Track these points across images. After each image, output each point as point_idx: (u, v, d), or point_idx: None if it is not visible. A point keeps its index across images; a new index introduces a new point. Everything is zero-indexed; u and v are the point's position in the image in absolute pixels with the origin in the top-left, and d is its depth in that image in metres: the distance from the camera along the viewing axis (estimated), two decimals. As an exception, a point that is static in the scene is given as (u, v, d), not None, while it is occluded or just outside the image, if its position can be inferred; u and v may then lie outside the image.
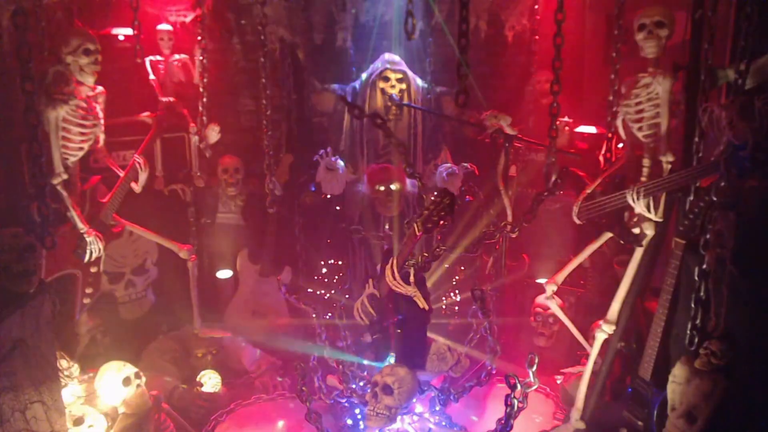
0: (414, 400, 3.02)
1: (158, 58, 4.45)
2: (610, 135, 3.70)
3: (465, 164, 4.36)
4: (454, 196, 2.72)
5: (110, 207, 3.74)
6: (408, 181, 4.25)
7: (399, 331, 3.07)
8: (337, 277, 4.48)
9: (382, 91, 4.25)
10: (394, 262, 2.97)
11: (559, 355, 4.12)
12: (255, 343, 4.37)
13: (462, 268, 4.36)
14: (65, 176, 3.44)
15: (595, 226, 3.48)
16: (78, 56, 3.43)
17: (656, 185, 3.09)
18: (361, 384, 3.34)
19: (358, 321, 3.20)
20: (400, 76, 4.28)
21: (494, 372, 3.46)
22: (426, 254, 3.02)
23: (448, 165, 4.36)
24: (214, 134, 4.60)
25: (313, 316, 3.27)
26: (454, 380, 3.60)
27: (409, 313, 3.04)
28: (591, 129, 4.50)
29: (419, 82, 4.39)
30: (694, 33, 3.17)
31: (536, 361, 2.82)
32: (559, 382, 3.89)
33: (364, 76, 4.40)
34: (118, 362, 3.25)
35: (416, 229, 2.80)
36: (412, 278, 2.93)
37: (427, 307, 3.01)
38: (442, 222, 2.73)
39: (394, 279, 2.95)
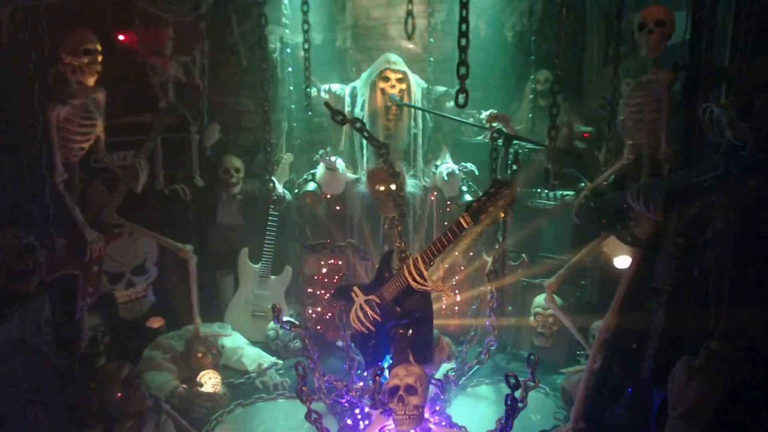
0: None
1: (158, 58, 4.45)
2: (609, 135, 3.71)
3: (465, 164, 4.36)
4: (513, 186, 2.70)
5: (110, 207, 3.74)
6: (408, 181, 4.25)
7: (402, 331, 3.07)
8: (337, 277, 4.48)
9: (382, 91, 4.25)
10: (419, 260, 2.91)
11: (559, 355, 4.12)
12: (255, 343, 4.38)
13: (462, 268, 4.36)
14: (65, 176, 3.45)
15: (595, 226, 3.48)
16: (78, 56, 3.43)
17: (656, 185, 3.09)
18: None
19: (359, 329, 3.16)
20: (400, 76, 4.27)
21: (494, 346, 3.46)
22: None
23: (448, 165, 4.36)
24: (214, 134, 4.61)
25: (306, 341, 3.25)
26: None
27: (418, 311, 3.04)
28: (591, 129, 4.51)
29: (419, 81, 4.39)
30: (694, 33, 3.17)
31: (536, 361, 2.82)
32: (559, 382, 3.89)
33: (364, 76, 4.40)
34: (118, 362, 3.25)
35: (464, 221, 2.75)
36: (441, 273, 2.91)
37: (454, 300, 3.03)
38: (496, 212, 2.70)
39: (420, 277, 2.89)
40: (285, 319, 3.24)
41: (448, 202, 4.38)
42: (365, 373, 3.49)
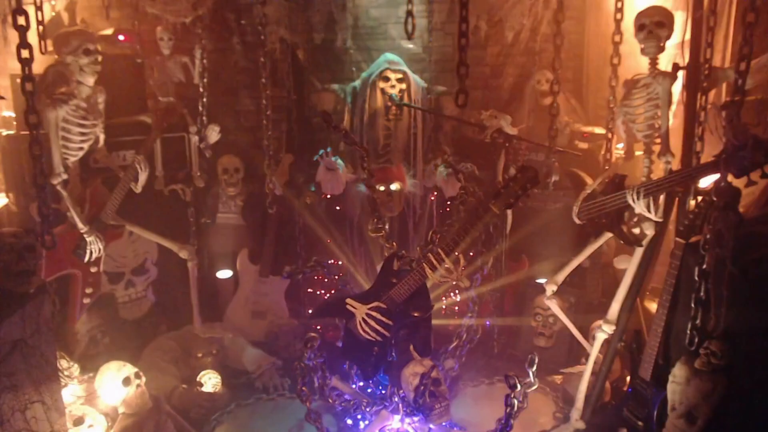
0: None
1: (158, 58, 4.46)
2: (610, 135, 3.71)
3: (465, 164, 4.36)
4: (535, 170, 2.84)
5: (110, 207, 3.74)
6: (408, 181, 4.25)
7: (406, 330, 3.09)
8: (336, 277, 4.48)
9: (382, 91, 4.25)
10: (440, 252, 2.95)
11: (559, 355, 4.12)
12: (255, 343, 4.38)
13: (462, 267, 4.36)
14: (65, 176, 3.45)
15: (595, 226, 3.48)
16: (78, 56, 3.42)
17: (656, 185, 3.09)
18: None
19: (374, 338, 3.15)
20: (400, 76, 4.28)
21: (473, 319, 3.53)
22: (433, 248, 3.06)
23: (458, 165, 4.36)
24: (214, 134, 4.61)
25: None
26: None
27: (424, 307, 3.09)
28: (591, 129, 4.51)
29: (419, 81, 4.40)
30: (694, 33, 3.17)
31: (536, 361, 2.83)
32: (559, 382, 3.89)
33: (364, 76, 4.40)
34: (118, 362, 3.25)
35: (494, 207, 2.86)
36: (463, 262, 2.97)
37: (470, 284, 3.19)
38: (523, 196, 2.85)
39: (441, 269, 2.95)
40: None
41: (448, 202, 4.38)
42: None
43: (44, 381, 2.84)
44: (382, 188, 4.14)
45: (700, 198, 2.85)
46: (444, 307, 4.33)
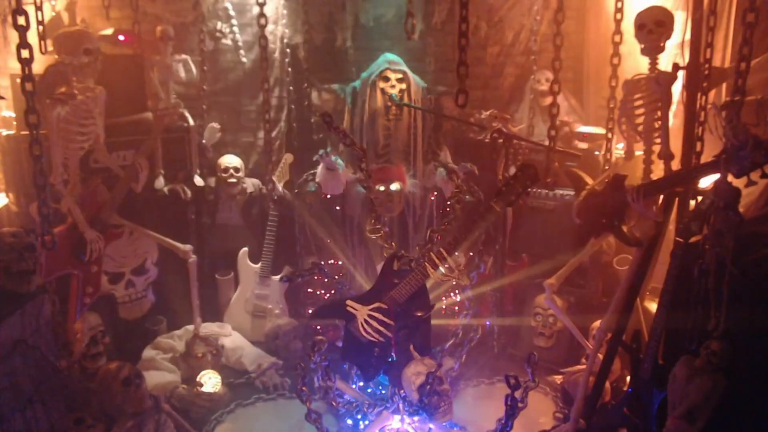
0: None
1: (158, 58, 4.45)
2: (610, 135, 3.71)
3: (465, 164, 4.36)
4: (535, 168, 2.90)
5: (110, 207, 3.74)
6: (408, 181, 4.25)
7: (407, 330, 3.10)
8: (337, 276, 4.47)
9: (382, 91, 4.25)
10: (442, 251, 2.98)
11: (559, 355, 4.12)
12: (255, 343, 4.38)
13: (462, 267, 4.36)
14: (65, 176, 3.44)
15: (595, 226, 3.48)
16: (78, 56, 3.42)
17: (656, 185, 3.09)
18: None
19: (377, 339, 3.14)
20: (400, 76, 4.27)
21: (468, 316, 3.59)
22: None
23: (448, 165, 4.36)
24: (214, 134, 4.61)
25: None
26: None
27: (424, 306, 3.11)
28: (591, 129, 4.51)
29: (419, 81, 4.39)
30: (694, 33, 3.17)
31: (536, 360, 2.83)
32: (559, 382, 3.89)
33: (364, 76, 4.40)
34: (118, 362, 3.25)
35: (496, 205, 2.91)
36: (463, 260, 2.99)
37: (470, 281, 3.25)
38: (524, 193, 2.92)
39: (443, 268, 2.99)
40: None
41: (448, 202, 4.37)
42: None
43: (44, 381, 2.84)
44: (382, 188, 4.14)
45: (700, 198, 2.84)
46: (444, 306, 4.33)
